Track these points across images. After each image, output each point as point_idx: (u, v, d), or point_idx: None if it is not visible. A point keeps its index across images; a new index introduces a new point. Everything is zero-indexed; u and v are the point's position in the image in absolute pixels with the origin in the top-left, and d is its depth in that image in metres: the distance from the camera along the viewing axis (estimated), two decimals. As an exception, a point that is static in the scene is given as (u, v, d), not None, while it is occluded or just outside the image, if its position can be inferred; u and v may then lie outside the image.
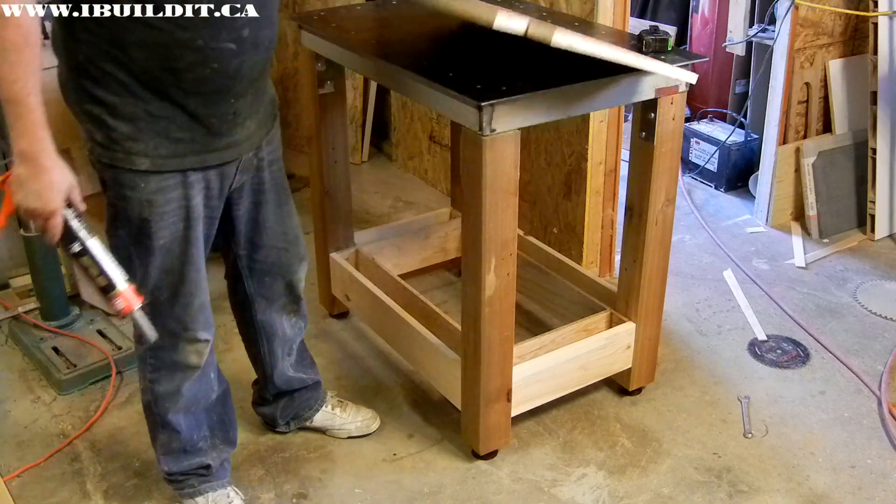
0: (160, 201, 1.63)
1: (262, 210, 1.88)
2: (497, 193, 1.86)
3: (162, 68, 1.53)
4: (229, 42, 1.56)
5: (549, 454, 2.25)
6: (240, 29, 1.56)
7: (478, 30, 1.84)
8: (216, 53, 1.55)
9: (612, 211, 2.90)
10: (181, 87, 1.56)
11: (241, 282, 1.98)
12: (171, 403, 1.88)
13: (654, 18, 4.25)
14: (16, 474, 2.18)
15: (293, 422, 2.27)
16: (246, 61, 1.61)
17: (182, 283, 1.74)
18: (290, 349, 2.13)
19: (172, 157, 1.61)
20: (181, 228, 1.69)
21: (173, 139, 1.60)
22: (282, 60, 3.97)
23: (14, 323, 2.71)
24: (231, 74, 1.60)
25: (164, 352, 1.82)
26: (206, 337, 1.84)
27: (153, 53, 1.51)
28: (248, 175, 1.79)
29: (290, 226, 1.97)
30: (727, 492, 2.13)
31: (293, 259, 1.99)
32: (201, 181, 1.67)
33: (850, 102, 3.33)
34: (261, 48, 1.64)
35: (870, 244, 3.27)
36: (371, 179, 3.84)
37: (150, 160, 1.59)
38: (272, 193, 1.88)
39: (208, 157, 1.65)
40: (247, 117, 1.70)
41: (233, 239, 1.90)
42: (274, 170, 1.87)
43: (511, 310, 2.03)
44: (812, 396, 2.46)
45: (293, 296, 2.05)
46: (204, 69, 1.56)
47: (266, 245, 1.93)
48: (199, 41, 1.52)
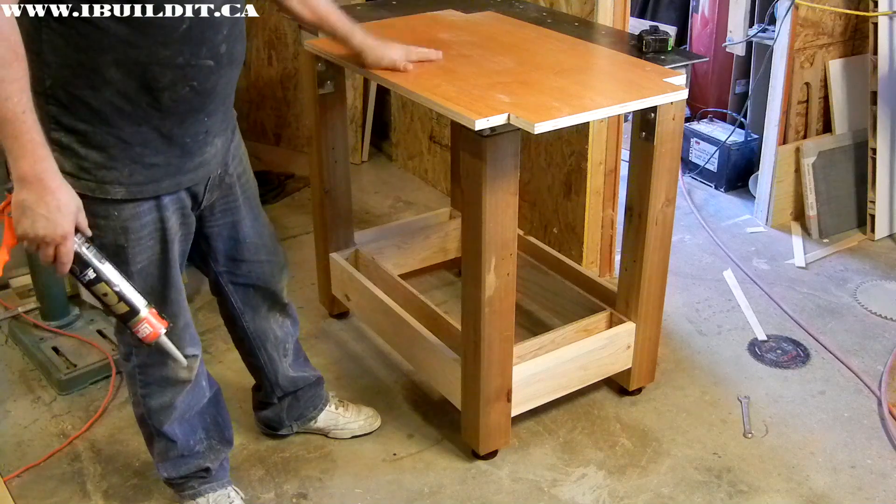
0: (135, 227, 1.59)
1: (239, 227, 1.86)
2: (497, 193, 1.86)
3: (140, 88, 1.48)
4: (208, 59, 1.53)
5: (549, 454, 2.25)
6: (218, 45, 1.54)
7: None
8: (195, 71, 1.52)
9: (612, 211, 2.90)
10: (158, 107, 1.52)
11: (226, 297, 1.97)
12: (164, 416, 1.86)
13: (654, 18, 4.25)
14: (16, 474, 2.18)
15: (297, 423, 2.26)
16: (222, 78, 1.59)
17: (164, 305, 1.71)
18: (286, 350, 2.12)
19: (148, 182, 1.57)
20: (158, 251, 1.65)
21: (148, 165, 1.56)
22: (282, 60, 3.97)
23: (14, 323, 2.71)
24: (207, 92, 1.57)
25: (153, 368, 1.80)
26: (194, 353, 1.82)
27: (131, 72, 1.46)
28: (216, 192, 1.76)
29: (267, 236, 1.95)
30: (727, 492, 2.13)
31: (274, 270, 1.98)
32: (175, 202, 1.64)
33: (850, 102, 3.32)
34: (234, 64, 1.62)
35: (870, 244, 3.27)
36: (371, 179, 3.84)
37: (125, 188, 1.55)
38: (246, 208, 1.86)
39: (182, 180, 1.62)
40: (216, 135, 1.67)
41: (210, 256, 1.88)
42: (243, 182, 1.84)
43: (511, 310, 2.03)
44: (812, 396, 2.46)
45: (278, 304, 2.05)
46: (182, 87, 1.52)
47: (247, 260, 1.92)
48: (179, 58, 1.49)
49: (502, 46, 2.18)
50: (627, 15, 2.70)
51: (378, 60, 1.97)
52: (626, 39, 2.29)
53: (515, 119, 1.74)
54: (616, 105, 1.82)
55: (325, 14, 1.94)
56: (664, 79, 1.95)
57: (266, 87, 4.06)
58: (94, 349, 2.58)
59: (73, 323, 2.68)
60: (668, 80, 1.94)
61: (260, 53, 4.00)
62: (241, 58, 1.65)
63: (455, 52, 2.12)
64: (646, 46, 2.14)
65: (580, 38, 2.26)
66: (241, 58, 1.65)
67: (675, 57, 2.13)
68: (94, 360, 2.53)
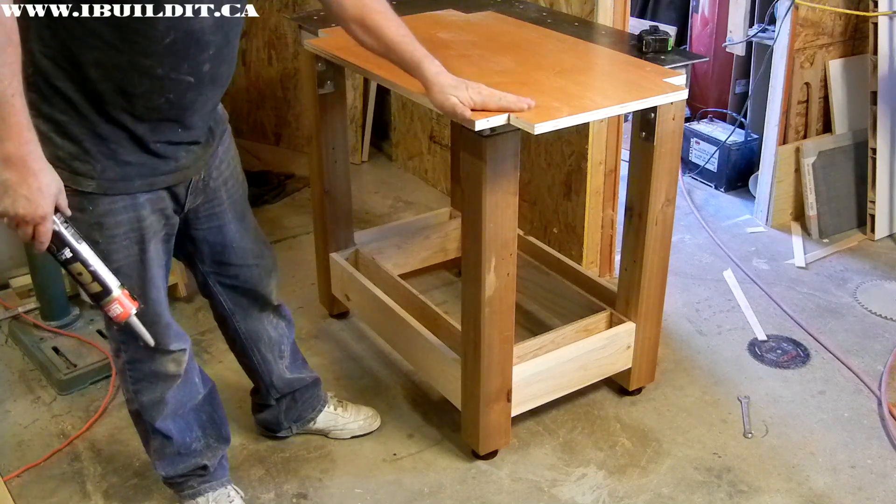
0: (110, 223, 1.59)
1: (225, 231, 1.86)
2: (497, 193, 1.86)
3: (115, 91, 1.50)
4: (189, 75, 1.54)
5: (549, 454, 2.25)
6: (201, 63, 1.54)
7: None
8: (173, 84, 1.53)
9: (612, 211, 2.90)
10: (132, 112, 1.53)
11: (215, 298, 1.98)
12: (157, 412, 1.87)
13: (654, 18, 4.25)
14: (16, 474, 2.18)
15: (296, 425, 2.26)
16: (201, 95, 1.59)
17: (146, 305, 1.70)
18: (281, 352, 2.12)
19: (120, 180, 1.58)
20: (136, 252, 1.65)
21: (122, 162, 1.57)
22: (282, 60, 3.97)
23: (14, 323, 2.71)
24: (185, 106, 1.58)
25: (142, 364, 1.81)
26: (180, 347, 1.82)
27: (109, 75, 1.48)
28: (200, 197, 1.76)
29: (255, 240, 1.94)
30: (727, 492, 2.13)
31: (262, 274, 1.98)
32: (154, 202, 1.64)
33: (850, 102, 3.33)
34: (217, 84, 1.62)
35: (870, 244, 3.27)
36: (371, 179, 3.84)
37: (97, 182, 1.56)
38: (231, 213, 1.85)
39: (156, 181, 1.62)
40: (193, 143, 1.67)
41: (196, 258, 1.88)
42: (229, 187, 1.83)
43: (511, 310, 2.03)
44: (812, 396, 2.46)
45: (269, 306, 2.05)
46: (159, 98, 1.53)
47: (234, 264, 1.91)
48: (158, 70, 1.50)
49: (502, 46, 2.18)
50: (627, 15, 2.70)
51: (441, 103, 1.75)
52: (626, 39, 2.29)
53: (515, 119, 1.74)
54: (616, 105, 1.82)
55: (390, 43, 1.76)
56: (664, 79, 1.95)
57: (266, 87, 4.06)
58: (94, 349, 2.58)
59: (73, 323, 2.69)
60: (668, 81, 1.94)
61: (260, 53, 4.00)
62: (225, 80, 1.64)
63: (455, 53, 2.12)
64: (646, 46, 2.14)
65: (580, 38, 2.26)
66: (226, 80, 1.65)
67: (675, 57, 2.13)
68: (94, 360, 2.53)
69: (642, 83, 1.93)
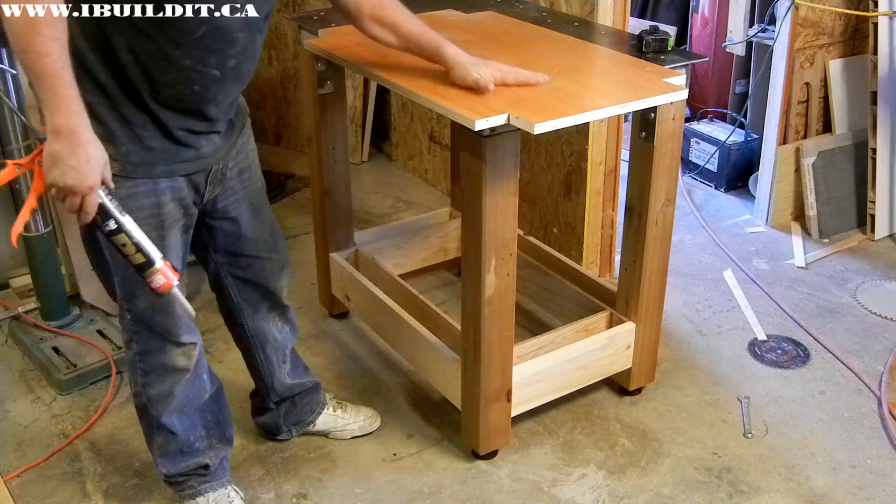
0: (131, 207, 1.60)
1: (239, 222, 1.88)
2: (497, 193, 1.86)
3: (143, 77, 1.54)
4: (215, 68, 1.58)
5: (549, 454, 2.25)
6: (228, 58, 1.58)
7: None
8: (199, 76, 1.57)
9: (612, 211, 2.90)
10: (156, 98, 1.57)
11: (225, 292, 1.98)
12: (163, 406, 1.87)
13: (654, 18, 4.25)
14: (16, 474, 2.18)
15: (295, 428, 2.26)
16: (224, 89, 1.63)
17: (161, 295, 1.69)
18: (284, 356, 2.12)
19: (143, 164, 1.61)
20: (154, 238, 1.65)
21: (146, 147, 1.60)
22: (282, 60, 3.97)
23: (14, 323, 2.71)
24: (208, 99, 1.61)
25: (152, 356, 1.81)
26: (191, 340, 1.83)
27: (139, 61, 1.52)
28: (219, 187, 1.79)
29: (269, 233, 1.96)
30: (727, 492, 2.13)
31: (274, 268, 1.98)
32: (174, 190, 1.67)
33: (850, 102, 3.33)
34: (240, 80, 1.67)
35: (870, 244, 3.27)
36: (371, 179, 3.85)
37: (121, 164, 1.58)
38: (246, 203, 1.87)
39: (177, 168, 1.65)
40: (214, 133, 1.70)
41: (210, 247, 1.90)
42: (245, 178, 1.86)
43: (511, 310, 2.03)
44: (812, 396, 2.46)
45: (277, 305, 2.05)
46: (183, 89, 1.57)
47: (246, 255, 1.92)
48: (186, 61, 1.53)
49: (502, 46, 2.18)
50: (627, 15, 2.70)
51: (463, 79, 1.86)
52: (626, 39, 2.29)
53: (515, 119, 1.74)
54: (616, 105, 1.82)
55: (408, 35, 1.89)
56: (664, 79, 1.95)
57: (266, 87, 4.06)
58: (94, 349, 2.57)
59: (73, 323, 2.69)
60: (668, 80, 1.94)
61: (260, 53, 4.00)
62: (248, 75, 1.69)
63: (455, 52, 2.12)
64: (646, 46, 2.14)
65: (580, 38, 2.26)
66: (249, 75, 1.69)
67: (674, 57, 2.13)
68: (94, 360, 2.53)
69: (642, 83, 1.93)
